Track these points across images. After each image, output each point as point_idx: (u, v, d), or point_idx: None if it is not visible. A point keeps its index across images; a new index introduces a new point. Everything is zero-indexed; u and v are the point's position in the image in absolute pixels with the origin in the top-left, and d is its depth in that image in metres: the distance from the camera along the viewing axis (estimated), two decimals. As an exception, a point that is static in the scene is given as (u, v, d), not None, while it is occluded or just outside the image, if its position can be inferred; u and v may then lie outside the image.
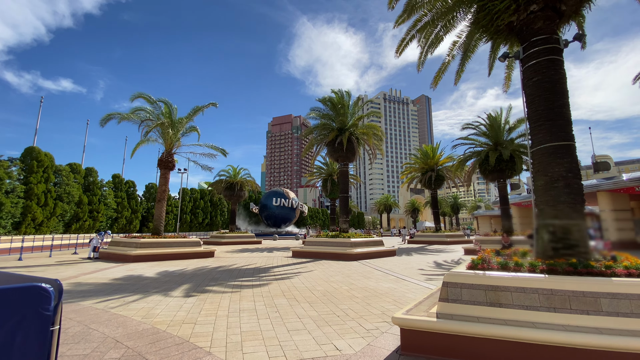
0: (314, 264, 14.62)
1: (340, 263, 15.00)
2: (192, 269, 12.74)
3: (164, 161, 18.42)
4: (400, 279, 10.46)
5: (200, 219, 44.54)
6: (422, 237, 31.88)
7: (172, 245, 16.87)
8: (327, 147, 19.87)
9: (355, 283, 9.68)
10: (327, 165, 33.10)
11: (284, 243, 34.13)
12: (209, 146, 20.34)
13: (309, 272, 12.18)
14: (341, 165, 19.44)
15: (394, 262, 15.41)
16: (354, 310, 6.50)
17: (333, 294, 8.15)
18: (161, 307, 6.71)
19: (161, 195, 18.18)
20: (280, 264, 14.91)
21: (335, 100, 19.30)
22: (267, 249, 25.27)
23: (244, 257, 17.80)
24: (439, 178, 30.57)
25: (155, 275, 11.22)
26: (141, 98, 18.18)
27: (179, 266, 13.72)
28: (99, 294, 8.13)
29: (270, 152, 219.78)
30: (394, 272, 12.05)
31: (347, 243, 16.84)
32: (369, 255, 17.07)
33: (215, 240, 30.65)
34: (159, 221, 17.87)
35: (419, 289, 8.76)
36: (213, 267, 13.38)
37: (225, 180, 32.79)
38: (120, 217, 32.43)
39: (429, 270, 12.73)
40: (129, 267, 13.33)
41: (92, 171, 29.82)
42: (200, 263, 14.96)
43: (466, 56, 8.76)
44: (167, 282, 9.81)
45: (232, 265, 14.28)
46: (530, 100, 6.18)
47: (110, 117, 17.52)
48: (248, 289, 8.76)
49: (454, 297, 4.72)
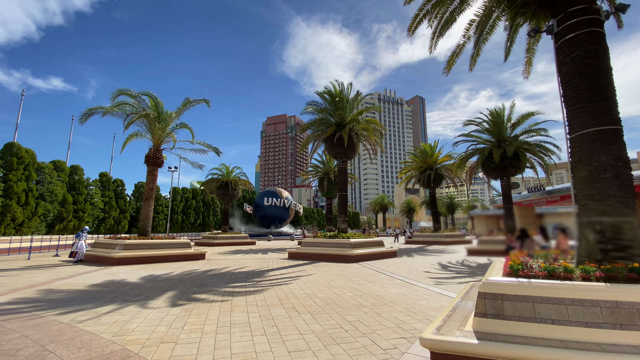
0: (312, 267, 13.70)
1: (340, 265, 14.10)
2: (180, 273, 11.71)
3: (151, 157, 17.31)
4: (407, 283, 9.60)
5: (192, 219, 43.25)
6: (420, 237, 31.17)
7: (160, 247, 15.78)
8: (325, 143, 18.95)
9: (359, 288, 8.79)
10: (323, 164, 32.20)
11: (278, 244, 33.12)
12: (201, 143, 19.30)
13: (307, 275, 11.26)
14: (340, 162, 18.54)
15: (397, 264, 14.57)
16: (363, 323, 5.61)
17: (337, 302, 7.24)
18: (138, 321, 5.72)
19: (149, 194, 17.08)
20: (276, 266, 13.95)
21: (334, 93, 18.38)
22: (261, 250, 24.27)
23: (236, 260, 16.79)
24: (437, 177, 29.91)
25: (138, 280, 10.18)
26: (124, 95, 17.03)
27: (166, 270, 12.68)
28: (69, 303, 7.10)
29: (265, 152, 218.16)
30: (398, 275, 11.20)
31: (346, 244, 15.96)
32: (369, 256, 16.22)
33: (207, 241, 29.52)
34: (146, 221, 16.76)
35: (431, 296, 7.91)
36: (203, 271, 12.37)
37: (218, 179, 31.65)
38: (108, 217, 31.05)
39: (435, 273, 11.91)
40: (111, 271, 12.24)
41: (77, 169, 28.44)
42: (189, 266, 13.92)
43: (483, 39, 7.94)
44: (150, 288, 8.79)
45: (224, 268, 13.29)
46: (568, 79, 5.36)
47: (92, 111, 16.36)
48: (241, 296, 7.80)
49: (494, 312, 3.85)
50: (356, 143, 18.19)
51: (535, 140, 19.06)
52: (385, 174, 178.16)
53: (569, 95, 5.34)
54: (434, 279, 10.58)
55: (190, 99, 18.55)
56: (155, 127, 17.44)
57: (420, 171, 31.22)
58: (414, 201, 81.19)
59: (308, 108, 19.03)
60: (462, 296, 5.82)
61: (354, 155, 18.64)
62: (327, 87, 18.57)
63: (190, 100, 18.47)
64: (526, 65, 8.20)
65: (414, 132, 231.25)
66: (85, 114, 16.22)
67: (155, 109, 17.99)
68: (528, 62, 8.14)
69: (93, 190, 30.03)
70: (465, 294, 5.99)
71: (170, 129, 18.65)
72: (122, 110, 17.30)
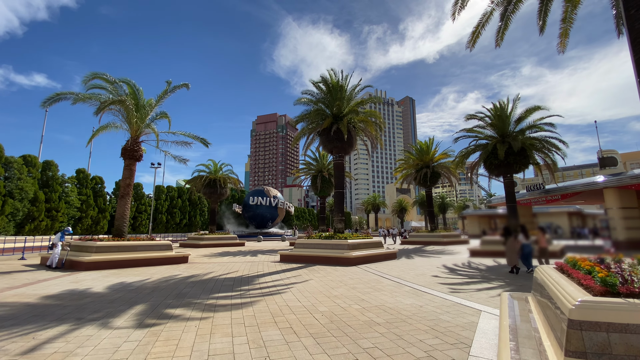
0: (307, 271, 12.36)
1: (338, 269, 12.81)
2: (156, 280, 10.20)
3: (128, 150, 15.65)
4: (418, 291, 8.37)
5: (177, 219, 41.25)
6: (416, 237, 30.18)
7: (136, 249, 14.17)
8: (320, 137, 17.62)
9: (366, 299, 7.50)
10: (316, 161, 30.85)
11: (269, 245, 31.64)
12: (185, 134, 17.68)
13: (303, 282, 9.91)
14: (336, 157, 17.22)
15: (399, 267, 13.37)
16: (384, 351, 4.31)
17: (343, 318, 5.93)
18: (85, 351, 4.29)
19: (125, 190, 15.42)
20: (267, 271, 12.56)
21: (330, 83, 17.05)
22: (250, 252, 22.78)
23: (223, 263, 15.31)
24: (434, 175, 28.98)
25: (104, 289, 8.65)
26: (99, 79, 15.33)
27: (141, 276, 11.13)
28: (6, 322, 5.58)
29: (255, 151, 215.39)
30: (405, 281, 9.98)
31: (343, 245, 14.68)
32: (368, 258, 14.99)
33: (193, 243, 27.81)
34: (122, 221, 15.10)
35: (453, 308, 6.68)
36: (183, 277, 10.87)
37: (205, 176, 29.92)
38: (85, 217, 28.95)
39: (445, 278, 10.73)
40: (76, 278, 10.63)
41: (50, 164, 26.31)
42: (169, 271, 12.39)
43: (512, 8, 6.79)
44: (115, 300, 7.29)
45: (208, 273, 11.81)
46: None
47: (59, 97, 14.60)
48: (225, 311, 6.41)
49: (598, 350, 2.60)
50: (354, 137, 16.94)
51: (541, 136, 18.20)
52: (376, 174, 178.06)
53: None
54: (447, 285, 9.39)
55: (169, 85, 16.93)
56: (133, 116, 15.79)
57: (416, 169, 30.25)
58: (406, 201, 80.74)
59: (302, 99, 17.63)
60: (507, 313, 4.59)
61: (351, 150, 17.38)
62: (324, 76, 17.23)
63: (172, 85, 16.87)
64: (561, 37, 7.07)
65: (404, 132, 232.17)
66: (50, 99, 14.46)
67: (133, 96, 16.34)
68: (564, 34, 7.01)
69: (69, 188, 27.91)
70: (509, 310, 4.77)
71: (150, 120, 17.01)
72: (95, 98, 15.59)
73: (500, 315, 4.46)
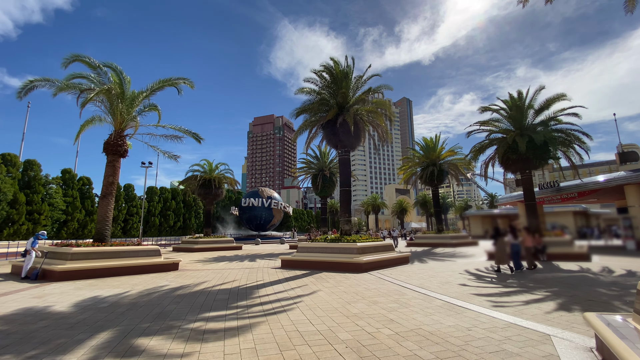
0: (314, 280, 10.81)
1: (348, 277, 11.28)
2: (137, 293, 8.60)
3: (111, 144, 14.03)
4: (455, 307, 6.86)
5: (171, 221, 39.48)
6: (423, 238, 28.70)
7: (120, 255, 12.55)
8: (324, 130, 16.11)
9: (395, 319, 5.98)
10: (317, 159, 29.30)
11: (268, 248, 30.02)
12: (176, 128, 16.07)
13: (312, 294, 8.36)
14: (342, 152, 15.66)
15: (417, 274, 11.86)
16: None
17: (375, 351, 4.40)
18: None
19: (107, 189, 13.79)
20: (267, 279, 10.99)
21: (334, 70, 15.52)
22: (248, 256, 21.17)
23: (218, 270, 13.73)
24: (441, 173, 27.55)
25: (69, 308, 7.05)
26: (78, 62, 13.74)
27: (120, 287, 9.52)
28: None
29: (252, 152, 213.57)
30: (432, 292, 8.47)
31: (352, 249, 13.15)
32: (380, 263, 13.48)
33: (187, 247, 26.13)
34: (104, 223, 13.46)
35: (509, 330, 5.18)
36: (170, 289, 9.28)
37: (200, 176, 28.27)
38: (71, 220, 27.16)
39: (475, 287, 9.25)
40: (42, 291, 9.01)
41: (32, 164, 24.54)
42: (155, 281, 10.79)
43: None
44: (76, 325, 5.71)
45: (200, 284, 10.23)
46: None
47: (33, 84, 12.97)
48: (216, 341, 4.85)
49: None
50: (362, 129, 15.45)
51: (563, 128, 16.81)
52: (374, 175, 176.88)
53: None
54: (483, 296, 7.89)
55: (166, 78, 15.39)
56: (118, 107, 14.19)
57: (422, 167, 28.83)
58: (406, 202, 79.44)
59: (304, 88, 16.04)
60: (627, 348, 3.07)
61: (358, 145, 15.88)
62: (327, 64, 15.67)
63: (167, 80, 15.30)
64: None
65: (402, 133, 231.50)
66: (25, 87, 12.85)
67: (119, 85, 14.76)
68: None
69: (53, 189, 26.13)
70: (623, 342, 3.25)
71: (137, 112, 15.42)
72: (76, 88, 13.99)
73: (618, 352, 2.96)
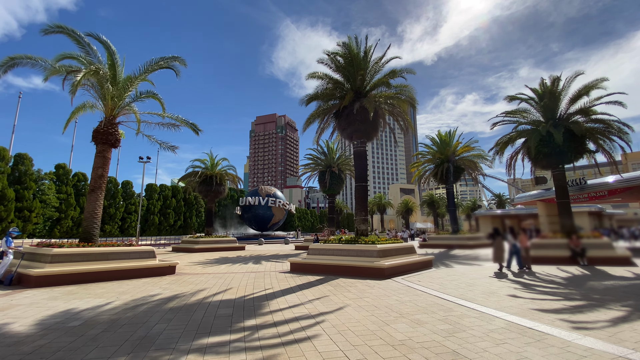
0: (332, 288, 9.23)
1: (371, 284, 9.70)
2: (121, 305, 7.06)
3: (101, 133, 12.51)
4: (525, 329, 5.27)
5: (171, 220, 38.00)
6: (438, 239, 27.05)
7: (108, 257, 11.02)
8: (337, 119, 14.52)
9: (458, 349, 4.39)
10: (324, 154, 27.71)
11: (272, 249, 28.48)
12: (173, 117, 14.55)
13: (337, 311, 6.78)
14: (357, 143, 14.03)
15: (449, 280, 10.26)
16: None
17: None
18: None
19: (96, 183, 12.27)
20: (277, 287, 9.43)
21: (351, 50, 13.84)
22: (252, 257, 19.64)
23: (219, 275, 12.19)
24: (457, 170, 25.91)
25: (30, 327, 5.52)
26: (63, 34, 12.23)
27: (103, 297, 7.99)
28: None
29: (254, 152, 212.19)
30: (481, 305, 6.88)
31: (372, 251, 11.57)
32: (403, 268, 11.89)
33: (187, 247, 24.64)
34: (91, 221, 11.93)
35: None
36: (162, 300, 7.73)
37: (200, 172, 26.75)
38: (65, 218, 25.71)
39: (530, 299, 7.65)
40: (10, 301, 7.50)
41: (23, 158, 23.11)
42: (145, 288, 9.25)
43: None
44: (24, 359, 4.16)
45: (198, 292, 8.68)
46: None
47: (14, 62, 11.46)
48: (216, 393, 3.29)
49: None
50: (382, 116, 13.86)
51: (601, 118, 15.15)
52: (377, 175, 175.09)
53: None
54: (550, 313, 6.29)
55: (158, 58, 13.91)
56: (109, 90, 12.68)
57: (435, 164, 27.20)
58: (411, 201, 77.77)
59: (316, 73, 14.35)
60: None
61: (376, 134, 14.30)
62: (344, 42, 13.87)
63: (162, 59, 13.82)
64: None
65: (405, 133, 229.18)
66: (4, 64, 11.35)
67: (111, 67, 13.27)
68: None
69: (46, 185, 24.70)
70: None
71: (131, 98, 13.92)
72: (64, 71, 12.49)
73: None
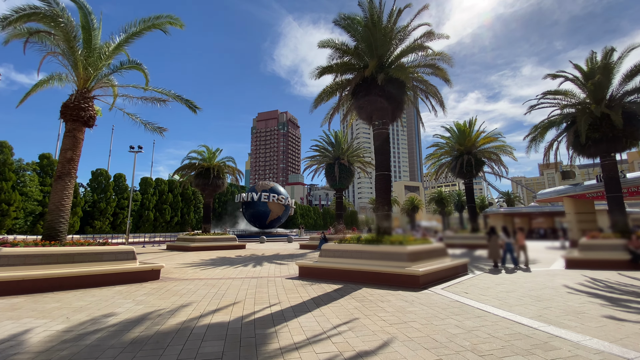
0: (358, 304, 7.03)
1: (407, 297, 7.51)
2: (61, 334, 4.86)
3: (71, 108, 10.31)
4: None
5: (167, 216, 35.89)
6: (455, 239, 24.83)
7: (74, 259, 8.86)
8: (354, 97, 12.26)
9: None
10: (333, 145, 25.46)
11: (274, 247, 26.34)
12: (161, 91, 12.33)
13: (379, 350, 4.59)
14: (378, 124, 11.71)
15: (504, 292, 8.05)
16: None
17: None
18: None
19: (64, 168, 10.10)
20: (286, 302, 7.24)
21: (373, 10, 11.50)
22: (253, 257, 17.48)
23: (214, 280, 10.02)
24: (478, 163, 23.64)
25: None
26: None
27: (49, 316, 5.82)
28: None
29: (255, 148, 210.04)
30: (578, 333, 4.66)
31: (401, 255, 9.36)
32: (438, 275, 9.69)
33: (183, 245, 22.52)
34: (57, 214, 9.77)
35: None
36: (124, 324, 5.54)
37: (197, 164, 24.58)
38: (49, 213, 23.60)
39: (634, 320, 5.43)
40: None
41: (2, 146, 20.95)
42: (113, 301, 7.08)
43: None
44: None
45: (179, 309, 6.49)
46: None
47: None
48: None
49: None
50: (412, 91, 11.57)
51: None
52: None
53: None
54: None
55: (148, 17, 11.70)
56: (80, 57, 10.49)
57: (453, 156, 24.94)
58: (417, 199, 75.52)
59: (330, 41, 11.92)
60: None
61: (400, 114, 12.03)
62: (363, 3, 11.53)
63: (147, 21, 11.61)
64: None
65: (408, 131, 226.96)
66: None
67: (85, 29, 11.06)
68: None
69: (28, 177, 22.58)
70: None
71: (109, 69, 11.73)
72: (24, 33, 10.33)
73: None
